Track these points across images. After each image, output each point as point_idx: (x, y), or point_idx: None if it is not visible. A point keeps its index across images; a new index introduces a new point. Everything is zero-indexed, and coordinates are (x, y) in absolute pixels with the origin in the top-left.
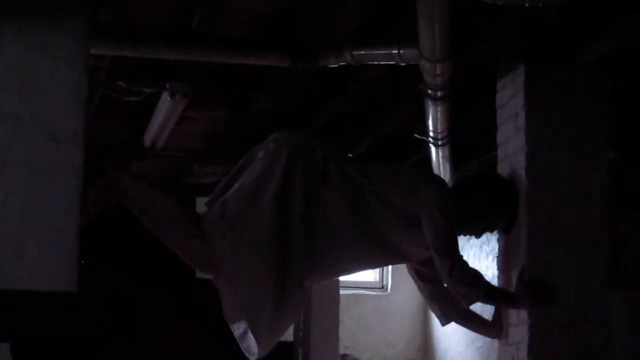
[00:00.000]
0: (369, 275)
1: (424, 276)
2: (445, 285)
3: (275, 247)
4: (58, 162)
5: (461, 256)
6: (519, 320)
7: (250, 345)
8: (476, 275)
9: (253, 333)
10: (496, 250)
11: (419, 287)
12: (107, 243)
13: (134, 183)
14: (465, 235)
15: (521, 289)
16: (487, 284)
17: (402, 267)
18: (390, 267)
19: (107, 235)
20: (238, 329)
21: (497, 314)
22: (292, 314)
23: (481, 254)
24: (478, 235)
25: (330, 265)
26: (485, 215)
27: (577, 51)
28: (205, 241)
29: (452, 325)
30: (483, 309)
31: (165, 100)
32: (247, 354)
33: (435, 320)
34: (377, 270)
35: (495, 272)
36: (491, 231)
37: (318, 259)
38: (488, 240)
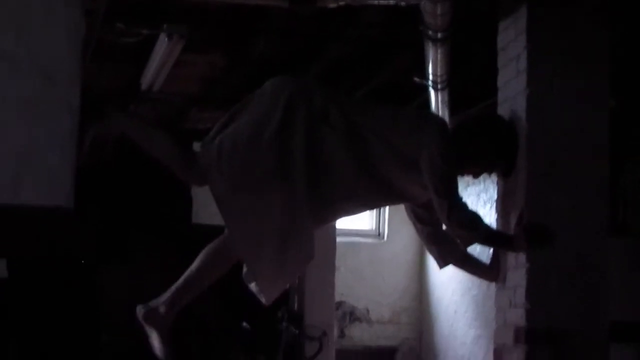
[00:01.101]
0: (365, 223)
1: (422, 219)
2: (443, 227)
3: (276, 189)
4: (54, 102)
5: (460, 198)
6: (517, 264)
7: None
8: (475, 217)
9: (255, 280)
10: (494, 198)
11: (418, 230)
12: (103, 184)
13: (131, 122)
14: (463, 176)
15: (519, 232)
16: (486, 226)
17: (399, 215)
18: (387, 215)
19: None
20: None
21: (494, 258)
22: (297, 261)
23: (479, 202)
24: (476, 176)
25: (330, 205)
26: (485, 157)
27: None
28: (202, 180)
29: (448, 273)
30: (481, 253)
31: (162, 42)
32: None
33: (431, 269)
34: (374, 218)
35: (493, 220)
36: (490, 173)
37: (319, 199)
38: (486, 189)
